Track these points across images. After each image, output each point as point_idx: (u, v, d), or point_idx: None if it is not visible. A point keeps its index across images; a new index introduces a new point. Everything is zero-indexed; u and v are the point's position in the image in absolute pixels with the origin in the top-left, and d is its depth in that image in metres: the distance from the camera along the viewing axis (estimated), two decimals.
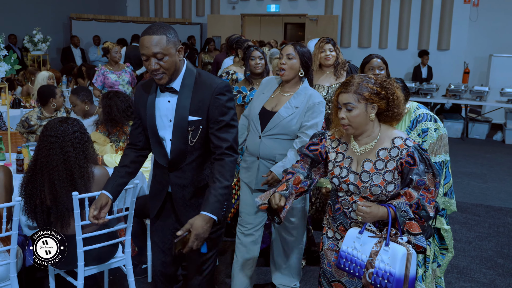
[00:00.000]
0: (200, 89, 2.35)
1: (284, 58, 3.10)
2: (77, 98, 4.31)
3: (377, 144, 2.27)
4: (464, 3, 11.55)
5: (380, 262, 2.13)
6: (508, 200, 5.78)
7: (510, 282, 3.79)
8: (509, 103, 9.30)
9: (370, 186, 2.22)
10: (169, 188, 2.47)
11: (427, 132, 2.81)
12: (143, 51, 2.23)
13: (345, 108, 2.23)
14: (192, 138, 2.36)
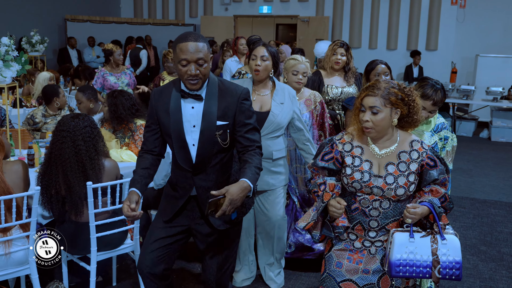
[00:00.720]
0: (225, 95, 2.46)
1: (259, 60, 3.22)
2: (83, 95, 4.52)
3: (397, 147, 2.35)
4: (451, 4, 11.84)
5: (442, 256, 2.24)
6: (492, 193, 6.06)
7: (491, 266, 4.05)
8: (495, 102, 9.60)
9: (395, 188, 2.30)
10: (193, 192, 2.53)
11: (447, 140, 3.09)
12: (186, 56, 2.28)
13: (370, 111, 2.29)
14: (223, 141, 2.45)
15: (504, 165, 7.60)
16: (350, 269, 2.45)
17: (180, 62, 2.30)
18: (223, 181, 2.52)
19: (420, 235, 2.27)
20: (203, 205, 2.47)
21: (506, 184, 6.49)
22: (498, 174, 7.03)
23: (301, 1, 13.13)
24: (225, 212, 2.23)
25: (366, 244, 2.42)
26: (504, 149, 8.85)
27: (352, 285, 2.44)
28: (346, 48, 4.29)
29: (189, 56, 2.28)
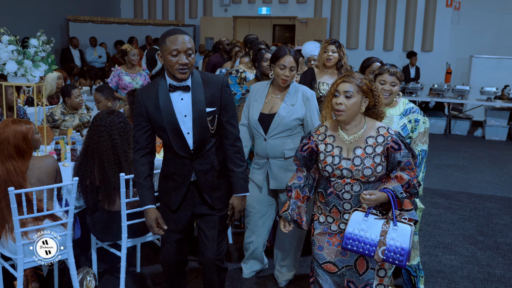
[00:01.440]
0: (209, 84, 2.68)
1: (288, 71, 3.31)
2: (101, 95, 4.73)
3: (364, 132, 2.56)
4: (446, 6, 12.15)
5: (390, 239, 2.42)
6: (487, 188, 6.34)
7: (488, 254, 4.33)
8: (489, 101, 9.90)
9: (362, 169, 2.50)
10: (193, 177, 2.73)
11: (418, 123, 3.26)
12: (177, 47, 2.49)
13: (344, 96, 2.52)
14: (211, 126, 2.68)
15: (498, 162, 7.90)
16: (330, 252, 2.67)
17: (171, 53, 2.50)
18: (219, 163, 2.78)
19: (375, 217, 2.49)
20: (202, 188, 2.75)
21: (500, 180, 6.78)
22: (492, 170, 7.33)
23: (300, 2, 13.39)
24: (235, 218, 2.85)
25: (342, 226, 2.62)
26: (498, 147, 9.16)
27: (333, 266, 2.67)
28: (338, 45, 4.34)
29: (180, 47, 2.50)
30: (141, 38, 13.15)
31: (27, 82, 3.91)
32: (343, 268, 2.65)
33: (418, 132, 3.27)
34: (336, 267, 2.67)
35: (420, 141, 3.28)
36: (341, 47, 4.36)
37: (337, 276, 2.68)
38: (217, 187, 2.79)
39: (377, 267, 2.62)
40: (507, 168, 7.52)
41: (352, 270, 2.64)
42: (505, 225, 5.04)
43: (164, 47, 2.55)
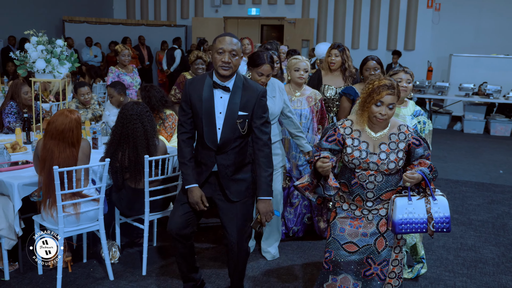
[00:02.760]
0: (248, 91, 2.94)
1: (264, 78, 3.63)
2: (114, 90, 5.21)
3: (388, 130, 2.82)
4: (427, 7, 12.77)
5: (435, 213, 2.71)
6: (463, 175, 6.94)
7: (462, 229, 4.90)
8: (467, 97, 10.53)
9: (387, 162, 2.75)
10: (215, 168, 3.02)
11: (425, 125, 3.59)
12: (223, 46, 2.81)
13: (387, 107, 2.73)
14: (241, 128, 2.94)
15: (474, 152, 8.52)
16: (351, 233, 2.89)
17: (217, 51, 2.83)
18: (240, 162, 3.05)
19: (416, 198, 2.73)
20: (222, 178, 3.02)
21: (475, 168, 7.40)
22: (468, 160, 7.94)
23: (288, 3, 13.91)
24: (267, 220, 3.00)
25: (365, 212, 2.87)
26: (475, 139, 9.79)
27: (353, 246, 2.89)
28: (342, 49, 4.58)
29: (225, 46, 2.82)
30: (134, 38, 13.54)
31: (54, 78, 4.38)
32: (363, 246, 2.88)
33: (425, 134, 3.59)
34: (357, 246, 2.89)
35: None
36: (344, 51, 4.57)
37: (357, 254, 2.89)
38: (235, 181, 3.04)
39: (394, 245, 2.91)
40: (482, 157, 8.15)
41: (372, 248, 2.88)
42: (478, 205, 5.63)
43: (213, 46, 2.89)
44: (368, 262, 2.90)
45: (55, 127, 3.41)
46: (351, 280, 2.92)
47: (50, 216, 3.45)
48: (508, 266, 4.10)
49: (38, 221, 3.59)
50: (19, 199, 3.47)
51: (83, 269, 3.85)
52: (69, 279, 3.65)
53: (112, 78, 6.23)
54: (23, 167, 3.78)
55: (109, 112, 5.27)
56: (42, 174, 3.43)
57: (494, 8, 12.28)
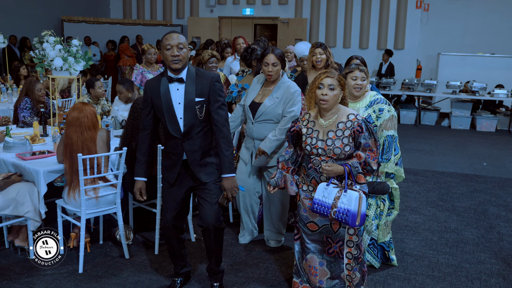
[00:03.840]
0: (201, 78, 3.17)
1: (271, 67, 3.91)
2: (123, 87, 5.56)
3: (336, 119, 3.10)
4: (416, 8, 13.17)
5: (340, 203, 2.97)
6: (449, 167, 7.36)
7: (446, 214, 5.31)
8: (453, 94, 10.97)
9: (333, 148, 3.05)
10: (184, 156, 3.22)
11: (382, 111, 3.69)
12: (170, 42, 3.04)
13: (328, 88, 3.05)
14: (200, 114, 3.16)
15: (460, 147, 8.96)
16: (311, 213, 3.21)
17: (165, 48, 3.06)
18: (205, 146, 3.25)
19: (333, 186, 3.05)
20: (191, 165, 3.22)
21: (461, 161, 7.83)
22: (454, 153, 8.37)
23: (281, 4, 14.27)
24: (233, 195, 3.20)
25: None
26: (462, 134, 10.24)
27: (314, 225, 3.23)
28: (324, 47, 4.72)
29: (172, 42, 3.05)
30: (131, 37, 13.85)
31: (70, 75, 4.73)
32: (322, 226, 3.21)
33: (383, 120, 3.70)
34: (316, 225, 3.22)
35: (385, 128, 3.71)
36: (327, 48, 4.79)
37: (317, 233, 3.23)
38: (204, 165, 3.25)
39: (347, 227, 3.15)
40: (467, 151, 8.59)
41: (328, 228, 3.20)
42: (462, 194, 6.05)
43: (161, 44, 3.12)
44: (328, 241, 3.22)
45: (72, 116, 3.79)
46: (317, 259, 3.26)
47: (73, 199, 3.81)
48: (487, 245, 4.51)
49: (61, 204, 3.95)
50: (44, 184, 3.83)
51: (100, 249, 4.21)
52: (88, 258, 4.01)
53: (136, 74, 6.44)
54: (45, 156, 4.13)
55: (117, 108, 5.62)
56: (65, 161, 3.80)
57: (481, 9, 12.73)
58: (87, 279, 3.70)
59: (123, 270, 3.85)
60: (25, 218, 3.89)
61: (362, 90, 3.71)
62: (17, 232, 4.12)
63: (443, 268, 4.02)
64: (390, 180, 3.82)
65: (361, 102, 3.78)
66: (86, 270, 3.83)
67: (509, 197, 5.96)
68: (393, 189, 3.86)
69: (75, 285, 3.61)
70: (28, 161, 3.99)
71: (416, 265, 4.05)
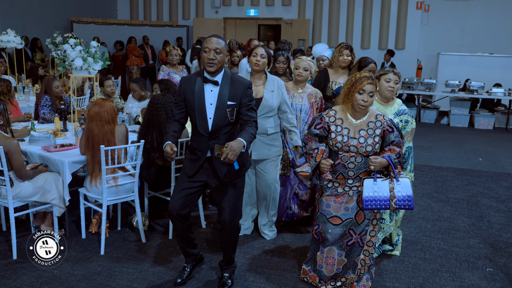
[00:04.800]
0: (235, 83, 3.32)
1: (259, 57, 4.15)
2: (137, 85, 5.93)
3: (367, 119, 3.29)
4: (416, 9, 13.50)
5: (398, 192, 3.13)
6: (445, 162, 7.70)
7: (440, 205, 5.64)
8: (452, 93, 11.29)
9: (365, 145, 3.22)
10: (208, 153, 3.33)
11: (408, 123, 3.90)
12: (208, 45, 3.18)
13: (368, 95, 3.21)
14: (231, 116, 3.30)
15: (458, 144, 9.28)
16: (336, 208, 3.40)
17: (204, 50, 3.22)
18: None
19: (382, 179, 3.21)
20: (214, 162, 3.29)
21: (458, 156, 8.16)
22: (452, 149, 8.70)
23: (285, 5, 14.61)
24: (228, 156, 3.03)
25: (346, 189, 3.36)
26: (460, 132, 10.56)
27: (338, 219, 3.39)
28: (351, 49, 4.94)
29: (210, 45, 3.20)
30: (138, 38, 14.21)
31: (89, 74, 5.08)
32: (346, 220, 3.38)
33: (406, 131, 3.90)
34: (340, 219, 3.39)
35: (407, 139, 3.90)
36: (352, 51, 4.97)
37: (340, 226, 3.39)
38: (226, 164, 3.27)
39: (372, 218, 3.37)
40: (464, 147, 8.91)
41: (353, 221, 3.37)
42: (456, 187, 6.38)
43: (202, 46, 3.30)
44: (349, 233, 3.41)
45: (93, 111, 4.14)
46: (335, 251, 3.45)
47: (95, 187, 4.16)
48: (477, 232, 4.85)
49: (83, 192, 4.31)
50: (69, 174, 4.19)
51: (118, 234, 4.57)
52: (108, 242, 4.36)
53: (163, 75, 6.57)
54: (68, 148, 4.48)
55: (131, 105, 5.98)
56: (87, 153, 4.15)
57: (479, 10, 13.03)
58: (109, 260, 4.06)
59: (140, 253, 4.20)
60: (51, 205, 4.25)
61: (393, 93, 3.85)
62: (41, 218, 4.47)
63: (435, 252, 4.36)
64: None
65: (390, 108, 3.91)
66: (107, 252, 4.19)
67: (501, 189, 6.29)
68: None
69: (97, 264, 3.97)
70: (53, 153, 4.35)
71: (410, 249, 4.39)
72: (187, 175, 3.42)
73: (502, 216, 5.32)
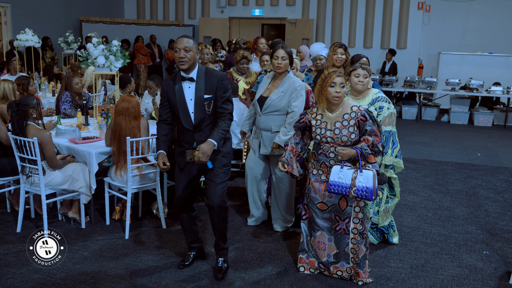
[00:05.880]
0: (210, 77, 3.55)
1: (280, 60, 4.30)
2: (153, 83, 6.24)
3: (342, 111, 3.55)
4: (418, 9, 13.78)
5: (358, 182, 3.37)
6: (446, 157, 8.01)
7: (440, 195, 5.96)
8: (452, 91, 11.59)
9: (340, 136, 3.50)
10: (194, 144, 3.56)
11: (382, 109, 4.05)
12: (178, 45, 3.41)
13: (340, 86, 3.49)
14: (208, 109, 3.54)
15: (458, 140, 9.60)
16: (321, 195, 3.66)
17: (174, 50, 3.44)
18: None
19: (348, 167, 3.47)
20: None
21: (457, 152, 8.47)
22: (452, 145, 9.02)
23: (289, 5, 14.91)
24: (200, 159, 3.37)
25: (329, 176, 3.56)
26: (460, 129, 10.88)
27: (323, 205, 3.68)
28: (345, 48, 5.03)
29: (180, 45, 3.43)
30: (146, 37, 14.52)
31: (110, 71, 5.40)
32: (331, 206, 3.65)
33: (382, 117, 4.05)
34: (326, 205, 3.66)
35: (384, 124, 4.05)
36: (347, 49, 5.06)
37: (326, 212, 3.67)
38: (212, 153, 3.51)
39: (354, 205, 3.61)
40: (464, 143, 9.23)
41: (337, 207, 3.64)
42: (456, 179, 6.70)
43: (174, 48, 3.52)
44: (336, 219, 3.67)
45: (121, 107, 4.46)
46: (326, 236, 3.71)
47: (119, 176, 4.49)
48: (474, 220, 5.17)
49: (108, 181, 4.64)
50: (96, 163, 4.52)
51: (139, 221, 4.90)
52: (131, 228, 4.67)
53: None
54: (93, 141, 4.81)
55: (148, 101, 6.29)
56: (114, 145, 4.47)
57: (480, 10, 13.31)
58: (133, 243, 4.38)
59: (162, 237, 4.53)
60: (78, 193, 4.58)
61: (364, 86, 4.05)
62: (67, 205, 4.79)
63: (435, 237, 4.68)
64: (389, 170, 4.19)
65: (363, 100, 4.12)
66: (131, 236, 4.51)
67: (498, 182, 6.61)
68: (393, 179, 4.25)
69: (123, 247, 4.29)
70: (80, 145, 4.67)
71: (412, 235, 4.71)
72: (180, 167, 3.71)
73: (499, 205, 5.64)
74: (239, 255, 4.19)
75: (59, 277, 3.74)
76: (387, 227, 4.44)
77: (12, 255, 4.05)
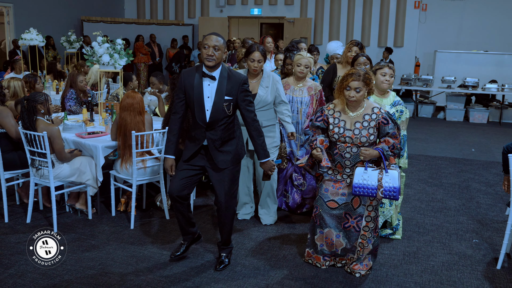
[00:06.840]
0: (232, 79, 3.52)
1: (256, 63, 4.34)
2: (156, 79, 6.44)
3: (363, 111, 3.48)
4: (414, 8, 13.98)
5: (385, 182, 3.34)
6: (440, 152, 8.22)
7: (434, 188, 6.17)
8: (448, 89, 11.80)
9: (360, 137, 3.43)
10: (205, 142, 3.59)
11: (402, 113, 4.16)
12: (207, 42, 3.39)
13: (355, 90, 3.41)
14: (228, 110, 3.53)
15: (453, 136, 9.81)
16: (333, 192, 3.64)
17: (203, 46, 3.43)
18: (226, 137, 3.61)
19: (372, 169, 3.40)
20: (211, 150, 3.59)
21: (452, 147, 8.68)
22: (447, 141, 9.23)
23: (287, 4, 15.09)
24: (271, 172, 3.78)
25: (344, 176, 3.61)
26: (455, 125, 11.08)
27: (334, 203, 3.64)
28: (360, 46, 5.10)
29: (209, 43, 3.41)
30: (146, 36, 14.70)
31: (114, 69, 5.60)
32: (342, 204, 3.62)
33: (401, 121, 4.17)
34: (337, 203, 3.64)
35: (402, 128, 4.15)
36: (363, 48, 5.15)
37: (337, 210, 3.64)
38: (222, 152, 3.61)
39: (367, 204, 3.59)
40: (459, 139, 9.44)
41: (349, 206, 3.61)
42: (449, 173, 6.91)
43: (202, 43, 3.53)
44: (346, 217, 3.66)
45: (126, 102, 4.65)
46: (334, 232, 3.71)
47: (125, 169, 4.68)
48: (466, 211, 5.37)
49: (113, 174, 4.83)
50: (102, 157, 4.71)
51: (144, 213, 5.09)
52: (136, 218, 4.87)
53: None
54: (99, 135, 5.00)
55: (150, 97, 6.49)
56: (119, 139, 4.67)
57: (475, 9, 13.52)
58: (138, 233, 4.58)
59: (165, 227, 4.72)
60: (85, 185, 4.77)
61: (389, 86, 4.11)
62: (75, 198, 4.99)
63: (428, 227, 4.88)
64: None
65: (386, 99, 4.18)
66: (136, 227, 4.71)
67: (490, 176, 6.82)
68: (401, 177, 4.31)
69: (129, 236, 4.49)
70: (86, 139, 4.87)
71: (405, 224, 4.91)
72: (183, 159, 3.72)
73: (490, 198, 5.84)
74: (239, 243, 4.39)
75: (69, 263, 3.94)
76: (394, 228, 4.55)
77: (23, 244, 4.25)
